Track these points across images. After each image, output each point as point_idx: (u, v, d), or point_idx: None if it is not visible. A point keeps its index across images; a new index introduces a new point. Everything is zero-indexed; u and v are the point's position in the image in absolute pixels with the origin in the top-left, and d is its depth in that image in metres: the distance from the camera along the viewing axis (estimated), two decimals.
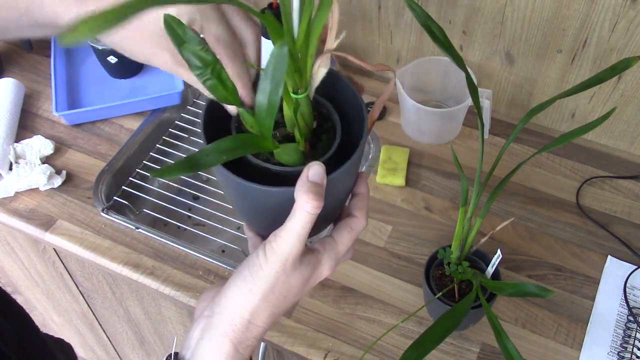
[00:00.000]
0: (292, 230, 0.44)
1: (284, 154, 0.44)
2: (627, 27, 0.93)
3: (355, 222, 0.50)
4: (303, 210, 0.43)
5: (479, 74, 1.11)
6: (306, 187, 0.43)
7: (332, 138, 0.47)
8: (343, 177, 0.47)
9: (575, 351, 0.85)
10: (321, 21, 0.39)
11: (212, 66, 0.41)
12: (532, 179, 1.05)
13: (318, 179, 0.43)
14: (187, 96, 1.23)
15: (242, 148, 0.41)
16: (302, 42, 0.39)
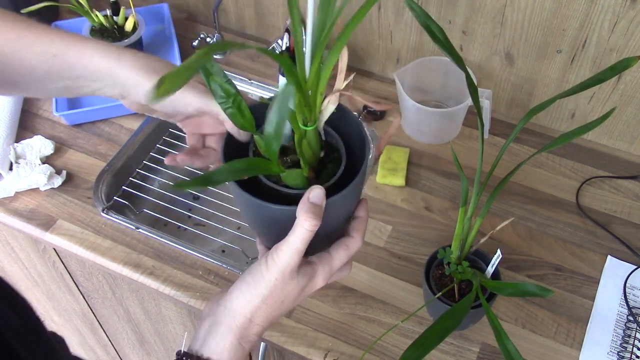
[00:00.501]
0: (291, 244, 0.50)
1: (290, 178, 0.50)
2: (627, 27, 0.93)
3: (351, 241, 0.55)
4: (302, 227, 0.49)
5: (479, 74, 1.11)
6: (306, 207, 0.48)
7: (337, 167, 0.52)
8: (344, 200, 0.52)
9: (575, 351, 0.85)
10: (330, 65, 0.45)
11: (233, 97, 0.49)
12: (532, 179, 1.05)
13: (317, 200, 0.48)
14: None
15: (251, 170, 0.48)
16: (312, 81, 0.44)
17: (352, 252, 0.55)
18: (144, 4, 1.35)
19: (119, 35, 1.16)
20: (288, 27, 1.06)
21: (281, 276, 0.51)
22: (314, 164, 0.52)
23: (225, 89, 0.49)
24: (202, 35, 1.25)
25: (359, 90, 1.20)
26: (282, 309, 0.54)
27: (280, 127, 0.44)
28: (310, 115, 0.47)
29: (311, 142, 0.50)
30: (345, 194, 0.50)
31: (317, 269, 0.54)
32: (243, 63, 1.26)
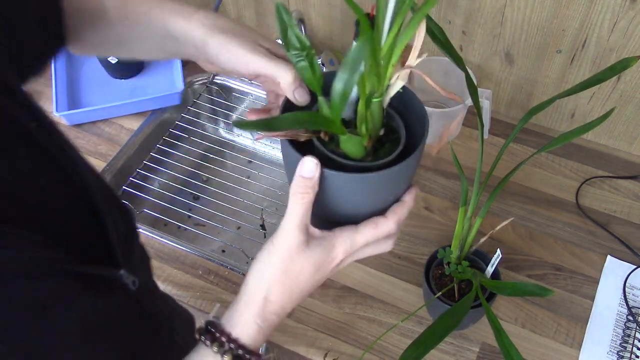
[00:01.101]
0: (289, 221, 0.50)
1: (348, 143, 0.49)
2: (627, 27, 0.93)
3: (382, 221, 0.53)
4: (293, 200, 0.49)
5: (479, 74, 1.11)
6: (295, 182, 0.49)
7: (395, 147, 0.51)
8: (392, 178, 0.50)
9: (574, 351, 0.85)
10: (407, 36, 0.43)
11: (308, 51, 0.48)
12: (532, 179, 1.05)
13: (308, 172, 0.48)
14: (187, 96, 1.23)
15: (314, 123, 0.47)
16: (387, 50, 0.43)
17: (380, 233, 0.53)
18: None
19: None
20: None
21: (288, 253, 0.51)
22: (373, 138, 0.50)
23: (301, 40, 0.47)
24: None
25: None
26: (300, 284, 0.52)
27: (350, 86, 0.43)
28: (378, 86, 0.46)
29: (374, 115, 0.48)
30: (396, 171, 0.49)
31: (335, 242, 0.52)
32: None
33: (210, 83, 1.24)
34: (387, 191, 0.52)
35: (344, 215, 0.53)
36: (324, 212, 0.52)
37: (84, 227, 0.49)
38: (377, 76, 0.45)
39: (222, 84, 1.25)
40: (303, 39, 0.48)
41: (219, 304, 0.95)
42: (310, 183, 0.48)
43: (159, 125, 1.17)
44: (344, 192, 0.51)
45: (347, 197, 0.51)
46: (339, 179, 0.48)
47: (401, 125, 0.52)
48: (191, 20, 0.57)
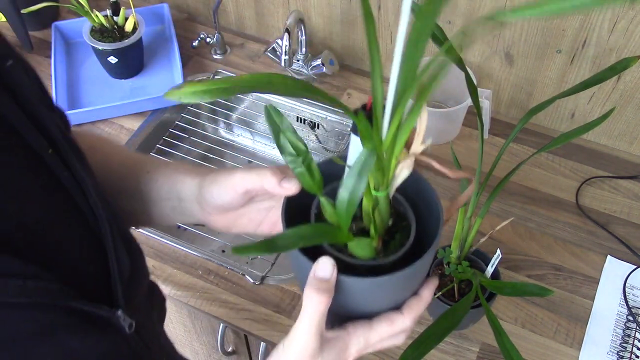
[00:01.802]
0: (303, 326, 0.47)
1: (357, 248, 0.46)
2: (627, 27, 0.93)
3: (399, 318, 0.50)
4: (309, 302, 0.45)
5: (479, 74, 1.11)
6: (311, 282, 0.45)
7: (406, 237, 0.48)
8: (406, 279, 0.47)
9: (574, 351, 0.85)
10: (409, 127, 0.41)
11: (304, 156, 0.46)
12: (532, 179, 1.05)
13: (325, 275, 0.45)
14: None
15: (319, 237, 0.44)
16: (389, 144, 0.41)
17: (395, 330, 0.50)
18: (144, 4, 1.35)
19: (119, 35, 1.16)
20: (288, 28, 1.06)
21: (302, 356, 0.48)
22: (382, 233, 0.48)
23: (295, 146, 0.45)
24: (202, 36, 1.25)
25: (360, 90, 1.20)
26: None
27: (357, 195, 0.42)
28: (383, 180, 0.44)
29: (381, 210, 0.46)
30: (409, 272, 0.45)
31: (349, 342, 0.49)
32: (243, 63, 1.26)
33: None
34: (401, 289, 0.50)
35: (357, 312, 0.50)
36: (336, 309, 0.49)
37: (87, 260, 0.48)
38: (380, 171, 0.43)
39: None
40: (297, 144, 0.45)
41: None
42: (328, 285, 0.45)
43: (159, 125, 1.17)
44: (355, 294, 0.48)
45: (359, 298, 0.49)
46: (350, 282, 0.45)
47: (409, 211, 0.49)
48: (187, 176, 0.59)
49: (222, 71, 1.24)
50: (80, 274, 0.47)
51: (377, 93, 0.40)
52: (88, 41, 1.14)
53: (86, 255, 0.48)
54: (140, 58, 1.23)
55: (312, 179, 0.46)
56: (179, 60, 1.20)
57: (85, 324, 0.45)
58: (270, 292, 0.91)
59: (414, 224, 0.48)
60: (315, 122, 1.21)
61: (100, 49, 1.14)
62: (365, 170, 0.41)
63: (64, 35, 1.28)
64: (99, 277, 0.49)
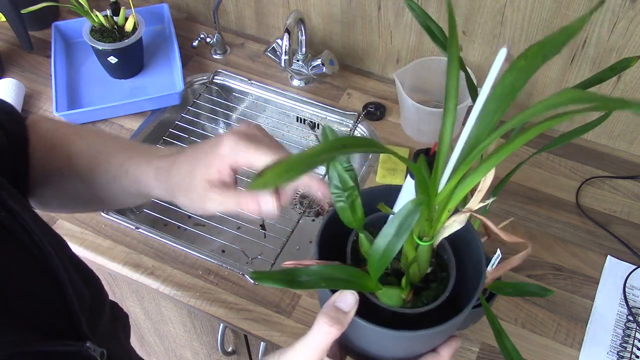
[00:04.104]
0: (305, 348, 0.45)
1: (385, 297, 0.44)
2: (627, 27, 0.93)
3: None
4: (319, 329, 0.43)
5: (479, 74, 1.11)
6: (328, 309, 0.43)
7: (442, 290, 0.45)
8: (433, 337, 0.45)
9: (574, 351, 0.85)
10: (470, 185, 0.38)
11: (350, 191, 0.44)
12: (532, 179, 1.05)
13: (345, 307, 0.43)
14: (187, 96, 1.23)
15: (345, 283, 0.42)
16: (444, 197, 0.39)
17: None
18: (144, 4, 1.35)
19: (119, 35, 1.16)
20: (288, 28, 1.06)
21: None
22: (417, 280, 0.45)
23: (343, 180, 0.43)
24: (202, 36, 1.25)
25: (360, 90, 1.20)
26: None
27: (394, 248, 0.40)
28: (429, 231, 0.41)
29: (420, 258, 0.44)
30: (432, 332, 0.43)
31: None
32: (243, 63, 1.26)
33: (210, 83, 1.24)
34: (420, 345, 0.47)
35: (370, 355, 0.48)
36: (347, 344, 0.47)
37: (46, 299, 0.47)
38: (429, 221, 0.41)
39: (222, 84, 1.25)
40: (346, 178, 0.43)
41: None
42: (343, 318, 0.43)
43: (159, 125, 1.17)
44: (371, 338, 0.45)
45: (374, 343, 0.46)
46: (367, 327, 0.43)
47: (452, 264, 0.46)
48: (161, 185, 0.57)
49: (222, 71, 1.24)
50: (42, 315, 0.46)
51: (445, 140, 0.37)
52: (88, 41, 1.14)
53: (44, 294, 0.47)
54: (140, 58, 1.23)
55: (354, 215, 0.44)
56: (179, 60, 1.20)
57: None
58: (270, 292, 0.91)
59: (452, 281, 0.45)
60: (315, 122, 1.21)
61: (100, 49, 1.14)
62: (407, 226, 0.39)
63: (64, 35, 1.28)
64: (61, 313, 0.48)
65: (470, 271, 0.47)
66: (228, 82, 1.24)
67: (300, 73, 1.21)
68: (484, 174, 0.38)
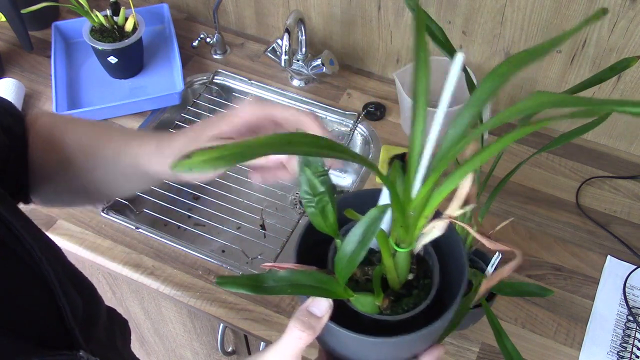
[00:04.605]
0: (277, 350, 0.44)
1: (358, 303, 0.43)
2: (627, 27, 0.93)
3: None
4: (291, 334, 0.43)
5: (479, 74, 1.11)
6: (301, 314, 0.42)
7: (423, 298, 0.44)
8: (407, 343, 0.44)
9: (574, 351, 0.85)
10: (446, 191, 0.37)
11: (320, 197, 0.42)
12: (532, 179, 1.05)
13: (318, 312, 0.42)
14: (187, 96, 1.23)
15: (312, 289, 0.41)
16: (419, 202, 0.38)
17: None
18: (144, 4, 1.35)
19: (119, 35, 1.16)
20: (288, 28, 1.06)
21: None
22: (397, 287, 0.44)
23: (312, 185, 0.42)
24: (202, 36, 1.25)
25: (360, 90, 1.20)
26: None
27: (357, 256, 0.39)
28: (406, 237, 0.40)
29: (399, 265, 0.43)
30: (415, 337, 0.42)
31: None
32: (243, 63, 1.26)
33: (210, 83, 1.24)
34: (401, 353, 0.46)
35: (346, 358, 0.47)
36: (325, 346, 0.47)
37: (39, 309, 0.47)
38: (404, 228, 0.40)
39: (222, 84, 1.25)
40: (315, 184, 0.42)
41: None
42: (317, 323, 0.42)
43: (158, 125, 1.17)
44: (349, 346, 0.45)
45: (352, 350, 0.46)
46: (344, 336, 0.42)
47: (436, 269, 0.45)
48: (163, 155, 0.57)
49: (222, 71, 1.24)
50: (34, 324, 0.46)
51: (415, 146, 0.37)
52: (88, 41, 1.14)
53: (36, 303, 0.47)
54: (140, 58, 1.23)
55: (325, 221, 0.43)
56: (179, 60, 1.20)
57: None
58: None
59: (434, 289, 0.44)
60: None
61: (100, 49, 1.14)
62: (371, 232, 0.38)
63: (64, 35, 1.28)
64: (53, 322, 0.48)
65: (454, 277, 0.46)
66: (228, 82, 1.24)
67: (300, 73, 1.21)
68: (459, 179, 0.37)
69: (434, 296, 0.44)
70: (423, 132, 0.37)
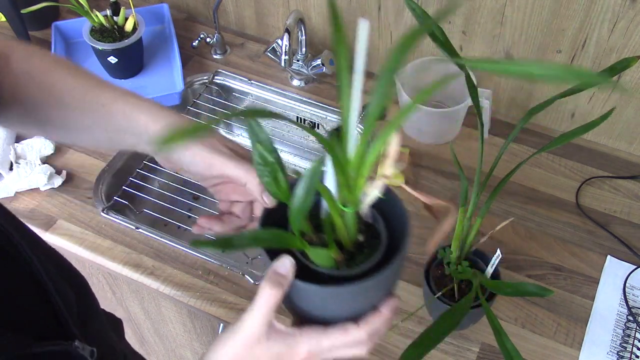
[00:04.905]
0: (254, 312, 0.49)
1: (316, 257, 0.48)
2: (627, 27, 0.93)
3: (353, 329, 0.51)
4: (263, 292, 0.48)
5: (479, 74, 1.11)
6: (269, 275, 0.48)
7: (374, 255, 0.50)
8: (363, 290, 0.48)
9: (574, 351, 0.85)
10: (375, 150, 0.43)
11: (271, 167, 0.48)
12: (532, 179, 1.05)
13: (283, 270, 0.48)
14: (187, 96, 1.23)
15: (273, 242, 0.48)
16: (356, 163, 0.43)
17: (348, 340, 0.51)
18: (144, 4, 1.35)
19: (119, 35, 1.16)
20: (288, 28, 1.06)
21: (246, 341, 0.50)
22: (348, 245, 0.50)
23: (262, 157, 0.48)
24: (202, 36, 1.25)
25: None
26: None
27: (304, 205, 0.45)
28: (350, 198, 0.45)
29: (348, 224, 0.48)
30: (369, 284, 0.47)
31: (300, 340, 0.51)
32: (243, 63, 1.26)
33: (210, 83, 1.24)
34: (360, 302, 0.51)
35: (316, 318, 0.52)
36: (295, 309, 0.52)
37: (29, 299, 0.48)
38: (347, 188, 0.45)
39: (222, 84, 1.25)
40: (266, 155, 0.48)
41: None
42: (283, 281, 0.48)
43: None
44: (311, 299, 0.50)
45: (316, 304, 0.51)
46: (304, 288, 0.48)
47: (383, 231, 0.51)
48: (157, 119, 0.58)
49: (222, 71, 1.24)
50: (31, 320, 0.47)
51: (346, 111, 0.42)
52: (88, 41, 1.14)
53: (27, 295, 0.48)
54: (140, 58, 1.23)
55: (278, 187, 0.48)
56: (179, 60, 1.20)
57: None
58: None
59: (383, 244, 0.50)
60: (315, 122, 1.21)
61: (100, 49, 1.15)
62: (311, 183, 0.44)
63: (64, 35, 1.28)
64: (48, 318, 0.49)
65: (401, 235, 0.51)
66: (228, 82, 1.24)
67: (300, 73, 1.21)
68: (385, 139, 0.42)
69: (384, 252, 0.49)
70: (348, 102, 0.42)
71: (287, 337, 0.51)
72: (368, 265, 0.48)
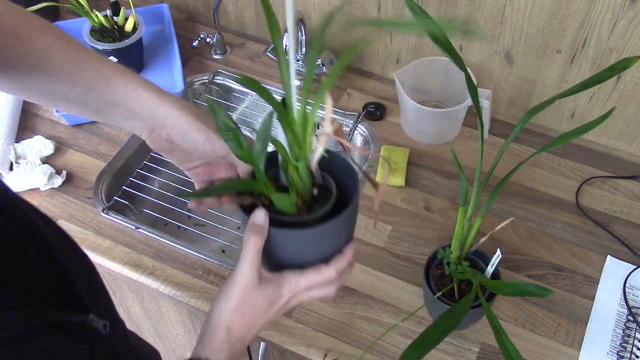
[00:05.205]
0: (243, 262, 0.57)
1: (279, 202, 0.56)
2: (627, 27, 0.93)
3: (325, 269, 0.59)
4: (247, 242, 0.56)
5: (479, 74, 1.11)
6: (248, 227, 0.56)
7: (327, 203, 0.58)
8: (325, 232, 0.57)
9: (574, 351, 0.85)
10: (314, 111, 0.52)
11: (233, 132, 0.56)
12: (532, 179, 1.05)
13: (258, 221, 0.55)
14: (187, 96, 1.23)
15: (243, 186, 0.59)
16: (300, 123, 0.52)
17: (322, 278, 0.59)
18: (144, 4, 1.35)
19: (119, 35, 1.16)
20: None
21: (244, 288, 0.57)
22: (306, 197, 0.57)
23: (226, 124, 0.56)
24: (202, 36, 1.25)
25: (360, 90, 1.20)
26: (256, 317, 0.59)
27: (261, 151, 0.53)
28: (301, 154, 0.53)
29: (302, 177, 0.55)
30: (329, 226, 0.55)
31: (282, 282, 0.59)
32: (243, 63, 1.26)
33: (210, 83, 1.24)
34: (325, 245, 0.59)
35: (290, 262, 0.59)
36: (274, 260, 0.60)
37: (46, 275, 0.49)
38: (296, 145, 0.53)
39: (222, 84, 1.25)
40: (229, 123, 0.56)
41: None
42: (261, 229, 0.55)
43: None
44: (285, 245, 0.58)
45: (289, 248, 0.59)
46: (278, 233, 0.56)
47: (332, 184, 0.59)
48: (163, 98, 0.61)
49: (222, 71, 1.25)
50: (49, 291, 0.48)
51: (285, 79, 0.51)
52: (88, 41, 1.14)
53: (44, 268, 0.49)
54: (140, 58, 1.23)
55: (241, 149, 0.56)
56: (179, 60, 1.20)
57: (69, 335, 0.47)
58: None
59: (334, 191, 0.58)
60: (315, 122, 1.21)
61: (100, 49, 1.14)
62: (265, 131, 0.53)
63: None
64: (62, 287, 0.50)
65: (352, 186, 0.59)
66: (228, 82, 1.24)
67: (300, 73, 1.21)
68: (319, 102, 0.51)
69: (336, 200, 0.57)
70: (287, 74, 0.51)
71: (273, 281, 0.59)
72: (324, 210, 0.56)
